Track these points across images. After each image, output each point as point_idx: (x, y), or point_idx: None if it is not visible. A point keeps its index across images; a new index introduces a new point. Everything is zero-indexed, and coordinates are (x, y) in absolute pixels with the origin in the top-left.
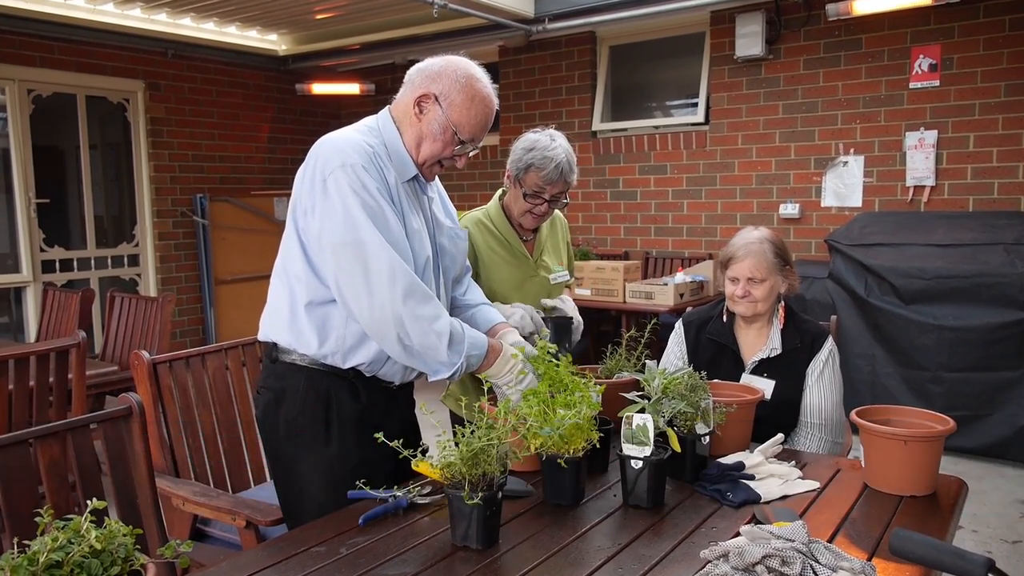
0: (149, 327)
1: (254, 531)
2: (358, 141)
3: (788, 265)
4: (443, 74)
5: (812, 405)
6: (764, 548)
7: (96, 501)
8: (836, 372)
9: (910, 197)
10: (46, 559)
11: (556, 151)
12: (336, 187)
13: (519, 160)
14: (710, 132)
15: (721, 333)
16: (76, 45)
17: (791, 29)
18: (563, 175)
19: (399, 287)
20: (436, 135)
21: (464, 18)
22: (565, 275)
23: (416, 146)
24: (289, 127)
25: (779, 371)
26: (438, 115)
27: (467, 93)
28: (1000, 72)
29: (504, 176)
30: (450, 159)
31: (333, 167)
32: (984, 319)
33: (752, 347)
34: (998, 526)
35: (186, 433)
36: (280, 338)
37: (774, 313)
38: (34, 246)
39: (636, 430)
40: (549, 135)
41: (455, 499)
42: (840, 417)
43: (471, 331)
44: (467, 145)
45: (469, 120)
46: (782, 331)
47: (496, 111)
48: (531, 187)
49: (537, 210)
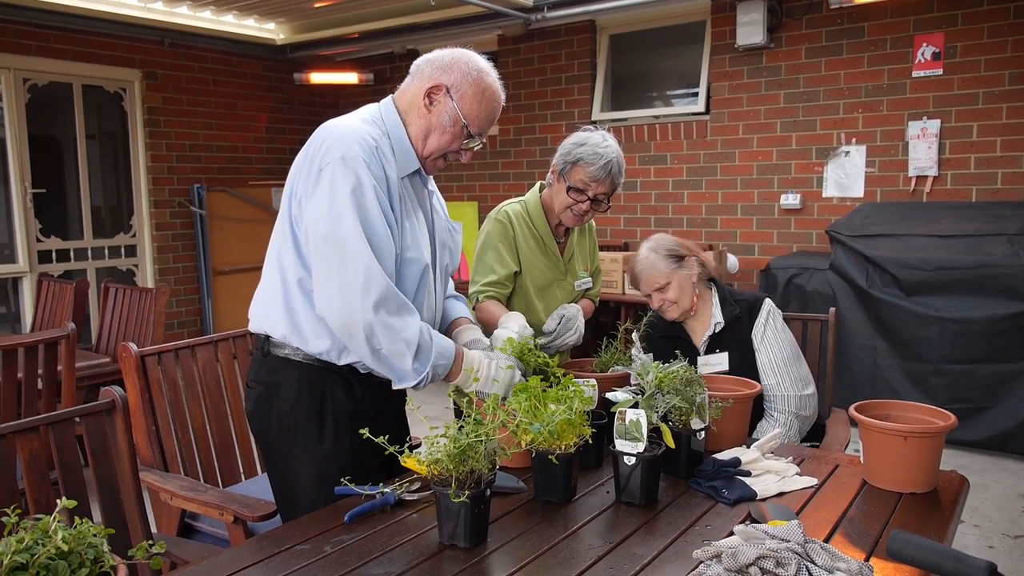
0: (143, 318)
1: (242, 526)
2: (363, 133)
3: (686, 256)
4: (454, 66)
5: (763, 364)
6: (758, 548)
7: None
8: (780, 329)
9: (912, 187)
10: (10, 561)
11: (608, 149)
12: (330, 178)
13: (568, 154)
14: (711, 122)
15: (670, 327)
16: (72, 34)
17: (793, 17)
18: (611, 175)
19: (372, 294)
20: (446, 127)
21: (463, 6)
22: (588, 282)
23: (423, 138)
24: (287, 117)
25: (729, 343)
26: (449, 107)
27: (478, 86)
28: (1004, 60)
29: (549, 172)
30: (456, 153)
31: (332, 158)
32: (987, 311)
33: (700, 330)
34: (1000, 520)
35: (175, 426)
36: (274, 331)
37: (708, 293)
38: (30, 236)
39: (629, 425)
40: (601, 134)
41: (442, 496)
42: (798, 371)
43: (440, 340)
44: (475, 139)
45: (479, 113)
46: (721, 306)
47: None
48: (576, 182)
49: (578, 208)
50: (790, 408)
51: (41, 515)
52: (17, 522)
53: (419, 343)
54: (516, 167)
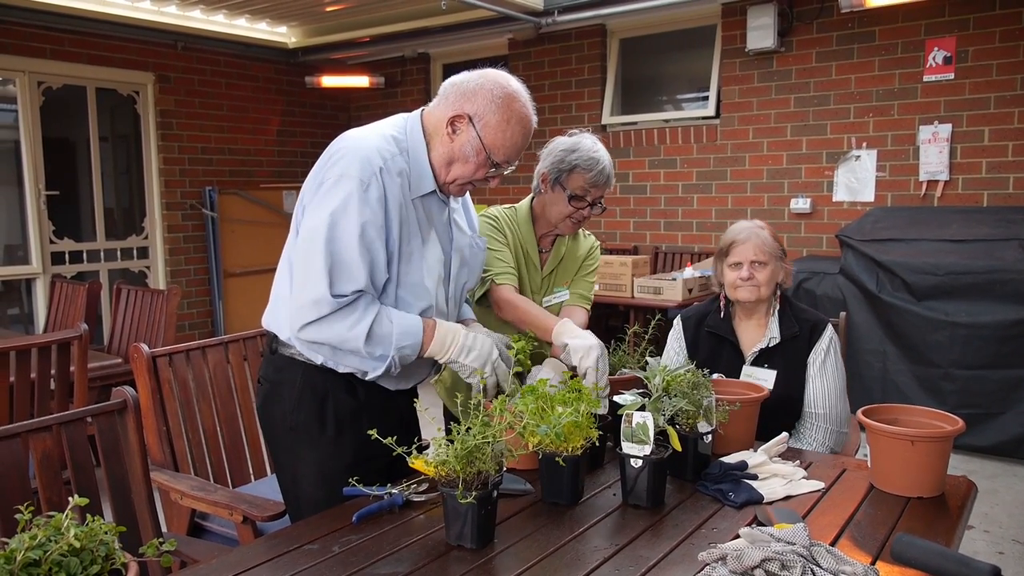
0: (155, 320)
1: (251, 526)
2: (372, 151)
3: (783, 257)
4: (479, 92)
5: (815, 395)
6: (763, 551)
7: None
8: (838, 360)
9: (923, 192)
10: (23, 557)
11: (600, 153)
12: (325, 192)
13: (561, 161)
14: (721, 126)
15: (719, 326)
16: (86, 37)
17: (803, 21)
18: (609, 178)
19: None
20: (469, 157)
21: (474, 10)
22: (564, 295)
23: (446, 165)
24: (299, 120)
25: (780, 361)
26: (471, 137)
27: (504, 114)
28: (1016, 65)
29: (539, 180)
30: (483, 181)
31: (332, 174)
32: (998, 316)
33: (751, 339)
34: (1010, 526)
35: (186, 427)
36: (281, 332)
37: (771, 303)
38: (44, 238)
39: (636, 428)
40: (591, 139)
41: (449, 497)
42: (844, 406)
43: (403, 319)
44: (501, 167)
45: (505, 143)
46: (780, 320)
47: (534, 128)
48: (576, 189)
49: (578, 215)
50: (827, 442)
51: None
52: (30, 519)
53: (371, 331)
54: (526, 171)
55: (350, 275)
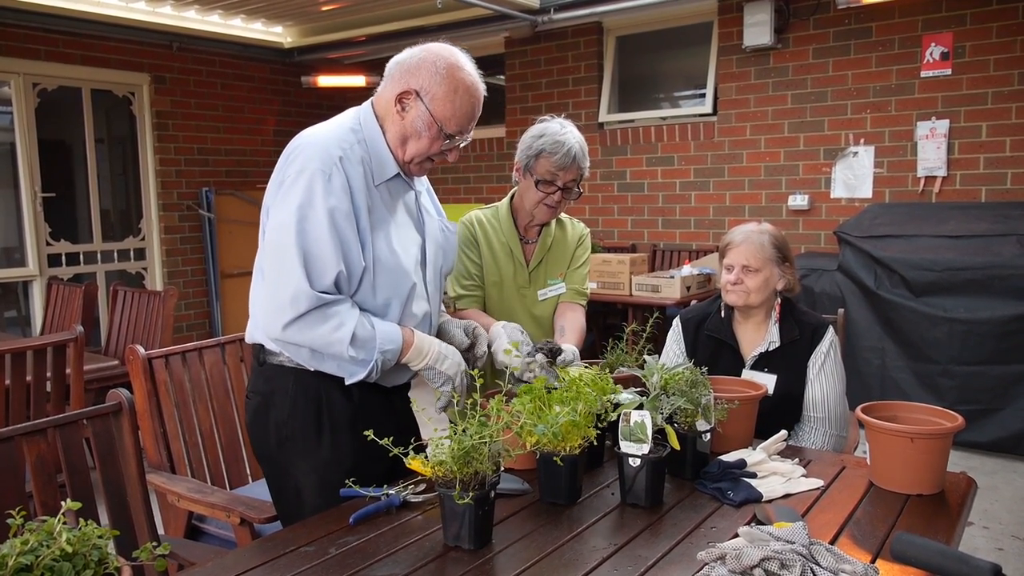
0: (152, 321)
1: (249, 528)
2: (330, 143)
3: (787, 262)
4: (422, 66)
5: (815, 398)
6: (763, 550)
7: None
8: (838, 364)
9: (921, 188)
10: (15, 563)
11: (567, 136)
12: (287, 190)
13: (528, 148)
14: (718, 123)
15: (719, 329)
16: (81, 38)
17: (800, 18)
18: (576, 160)
19: (293, 313)
20: (421, 132)
21: (470, 8)
22: (560, 287)
23: (401, 144)
24: (295, 120)
25: (780, 365)
26: (421, 111)
27: (449, 84)
28: (1013, 60)
29: (513, 170)
30: (440, 154)
31: (292, 170)
32: (996, 311)
33: (751, 342)
34: (1010, 522)
35: (182, 429)
36: (267, 341)
37: (772, 307)
38: (40, 240)
39: (634, 427)
40: (559, 122)
41: (447, 498)
42: (844, 409)
43: (383, 326)
44: (455, 138)
45: (454, 113)
46: (780, 324)
47: (484, 97)
48: (543, 174)
49: (550, 200)
50: (826, 445)
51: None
52: (22, 524)
53: (355, 334)
54: None
55: (324, 266)
